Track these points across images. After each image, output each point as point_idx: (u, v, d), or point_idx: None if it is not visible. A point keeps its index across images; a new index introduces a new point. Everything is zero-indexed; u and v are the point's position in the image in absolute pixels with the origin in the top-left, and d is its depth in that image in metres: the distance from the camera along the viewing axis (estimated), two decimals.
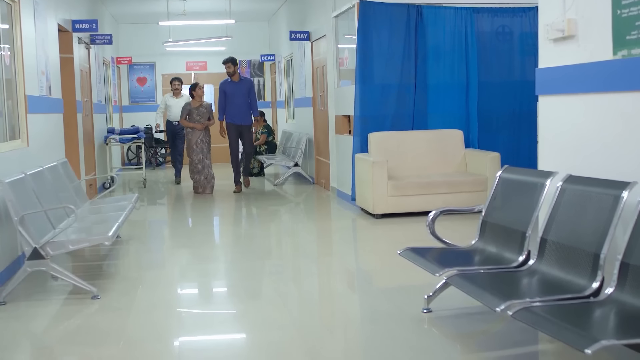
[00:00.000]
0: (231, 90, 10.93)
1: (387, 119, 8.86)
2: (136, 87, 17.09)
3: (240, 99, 10.89)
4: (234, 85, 10.95)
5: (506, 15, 9.07)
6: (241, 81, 11.05)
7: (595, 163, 4.04)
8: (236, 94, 10.88)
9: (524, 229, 4.16)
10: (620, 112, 3.86)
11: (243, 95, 10.92)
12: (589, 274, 3.52)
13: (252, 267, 6.16)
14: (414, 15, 8.76)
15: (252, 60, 17.17)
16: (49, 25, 7.94)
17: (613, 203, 3.51)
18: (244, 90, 10.95)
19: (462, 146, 8.78)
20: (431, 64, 8.92)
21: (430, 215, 4.74)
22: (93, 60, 11.66)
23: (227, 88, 10.98)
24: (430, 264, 4.18)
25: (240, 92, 10.91)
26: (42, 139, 7.20)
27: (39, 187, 5.65)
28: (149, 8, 14.34)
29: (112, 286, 5.43)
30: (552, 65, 4.50)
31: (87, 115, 10.75)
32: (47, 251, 4.98)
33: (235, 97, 10.88)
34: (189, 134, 10.80)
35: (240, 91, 10.92)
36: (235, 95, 10.88)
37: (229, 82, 11.01)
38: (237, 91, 10.89)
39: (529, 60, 8.83)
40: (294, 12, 13.49)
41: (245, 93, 10.94)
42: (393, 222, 7.85)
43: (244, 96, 10.92)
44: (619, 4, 3.80)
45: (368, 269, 6.21)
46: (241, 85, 10.97)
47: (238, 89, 10.91)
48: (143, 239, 7.65)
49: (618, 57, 3.83)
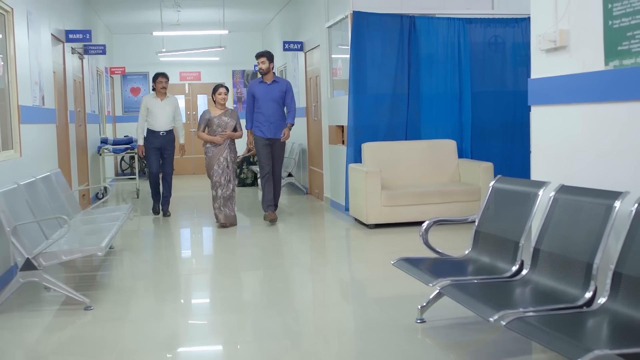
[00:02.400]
0: (262, 93, 8.66)
1: (381, 129, 8.88)
2: (130, 97, 17.08)
3: (273, 105, 8.64)
4: (265, 88, 8.67)
5: (499, 25, 9.12)
6: (275, 83, 8.70)
7: (588, 173, 4.06)
8: (267, 98, 8.62)
9: (517, 239, 4.17)
10: (612, 122, 3.88)
11: (276, 101, 8.66)
12: (582, 283, 3.53)
13: (246, 276, 6.14)
14: (407, 25, 8.80)
15: (245, 70, 17.19)
16: (42, 35, 7.94)
17: (605, 213, 3.52)
18: (278, 95, 8.66)
19: (455, 156, 8.80)
20: (424, 74, 8.95)
21: (423, 226, 4.75)
22: (86, 70, 11.65)
23: (256, 90, 8.70)
24: (424, 274, 4.19)
25: (273, 97, 8.64)
26: (35, 149, 7.18)
27: (31, 198, 5.64)
28: (143, 18, 14.35)
29: (105, 297, 5.41)
30: (545, 75, 4.52)
31: (81, 126, 10.74)
32: (39, 262, 4.96)
33: (266, 103, 8.63)
34: (209, 150, 8.48)
35: (273, 95, 8.64)
36: (266, 100, 8.63)
37: (259, 83, 8.73)
38: (269, 95, 8.63)
39: (521, 71, 8.87)
40: (287, 22, 13.52)
41: (279, 98, 8.67)
42: (387, 232, 7.85)
43: (277, 103, 8.66)
44: (611, 15, 3.83)
45: (362, 279, 6.21)
46: (275, 89, 8.66)
47: (270, 93, 8.64)
48: (136, 250, 7.62)
49: (610, 68, 3.85)
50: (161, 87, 9.46)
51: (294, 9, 12.67)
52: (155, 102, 9.43)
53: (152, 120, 9.41)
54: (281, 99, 8.67)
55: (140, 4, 12.84)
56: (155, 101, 9.45)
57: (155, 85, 9.49)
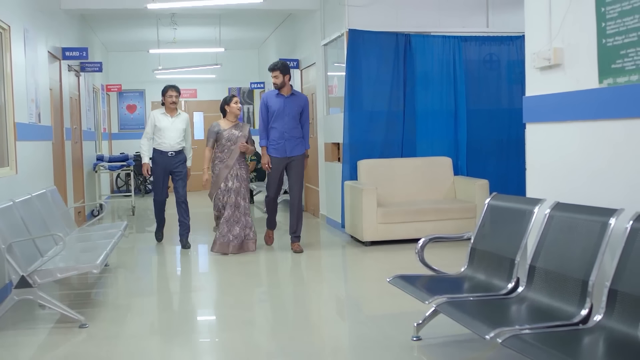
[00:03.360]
0: (277, 106, 7.79)
1: (376, 146, 8.89)
2: (126, 114, 17.10)
3: (289, 121, 7.79)
4: (281, 101, 7.80)
5: (494, 43, 9.18)
6: (293, 97, 7.88)
7: (583, 190, 4.07)
8: (283, 112, 7.78)
9: (513, 256, 4.17)
10: (607, 140, 3.89)
11: (293, 117, 7.82)
12: (578, 301, 3.53)
13: (241, 294, 6.12)
14: (402, 43, 8.85)
15: (242, 87, 17.23)
16: (39, 52, 7.96)
17: (601, 230, 3.52)
18: (296, 110, 7.83)
19: (451, 173, 8.82)
20: (420, 91, 9.00)
21: (419, 243, 4.75)
22: (83, 88, 11.68)
23: (271, 102, 7.84)
24: (420, 292, 4.18)
25: (289, 112, 7.80)
26: (31, 166, 7.18)
27: (27, 215, 5.62)
28: (140, 36, 14.41)
29: (100, 315, 5.39)
30: (539, 93, 4.54)
31: (77, 143, 10.74)
32: (34, 279, 4.94)
33: (282, 118, 7.78)
34: (216, 167, 7.82)
35: (290, 110, 7.80)
36: (282, 114, 7.78)
37: (275, 95, 7.86)
38: (286, 109, 7.78)
39: (516, 88, 8.92)
40: (283, 40, 13.58)
41: (296, 114, 7.85)
42: (383, 249, 7.85)
43: (294, 118, 7.82)
44: (604, 34, 3.85)
45: (358, 296, 6.20)
46: (292, 103, 7.83)
47: (287, 107, 7.79)
48: (132, 267, 7.60)
49: (604, 86, 3.88)
50: (171, 102, 8.35)
51: (290, 27, 12.73)
52: (164, 119, 8.33)
53: (160, 139, 8.33)
54: (298, 114, 7.85)
55: (136, 22, 12.90)
56: (164, 118, 8.34)
57: (165, 100, 8.39)
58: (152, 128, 8.37)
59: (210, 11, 11.36)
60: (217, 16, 12.34)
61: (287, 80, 7.83)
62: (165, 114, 8.37)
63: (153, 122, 8.35)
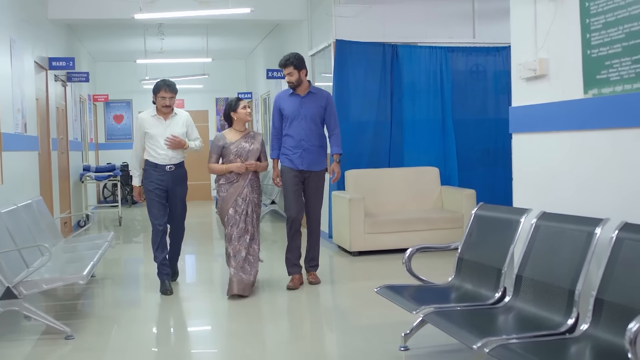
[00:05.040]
0: (292, 108, 6.44)
1: (364, 156, 8.91)
2: (113, 124, 17.05)
3: (307, 125, 6.41)
4: (297, 102, 6.45)
5: (480, 54, 9.24)
6: (311, 95, 6.47)
7: (569, 200, 4.09)
8: (300, 115, 6.41)
9: (500, 266, 4.18)
10: (592, 150, 3.92)
11: (312, 120, 6.43)
12: (564, 310, 3.54)
13: (228, 304, 6.10)
14: (389, 54, 8.89)
15: (229, 98, 17.21)
16: (25, 62, 7.93)
17: (587, 239, 3.54)
18: (315, 111, 6.44)
19: (438, 183, 8.84)
20: (407, 101, 9.04)
21: (406, 253, 4.75)
22: (69, 98, 11.64)
23: (286, 105, 6.49)
24: (407, 302, 4.19)
25: (308, 114, 6.41)
26: (17, 176, 7.14)
27: (12, 226, 5.59)
28: (127, 46, 14.39)
29: (86, 326, 5.36)
30: (525, 103, 4.57)
31: (63, 153, 10.70)
32: (20, 290, 4.90)
33: (298, 122, 6.42)
34: (222, 188, 6.24)
35: (308, 112, 6.42)
36: (299, 117, 6.41)
37: (290, 96, 6.50)
38: (302, 111, 6.41)
39: (503, 98, 8.97)
40: (271, 50, 13.60)
41: (316, 116, 6.45)
42: (370, 259, 7.85)
43: (313, 122, 6.43)
44: (589, 45, 3.89)
45: (345, 306, 6.19)
46: (310, 102, 6.44)
47: (304, 108, 6.42)
48: (118, 278, 7.56)
49: (589, 96, 3.91)
50: (163, 106, 6.38)
51: (278, 37, 12.75)
52: (156, 124, 6.40)
53: (152, 149, 6.38)
54: (319, 116, 6.45)
55: (123, 31, 12.88)
56: (156, 122, 6.41)
57: (156, 101, 6.44)
58: (142, 138, 6.41)
59: (197, 21, 11.36)
60: (205, 26, 12.35)
61: (303, 77, 6.41)
62: (157, 116, 6.43)
63: (142, 128, 6.40)
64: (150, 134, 6.36)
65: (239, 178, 6.21)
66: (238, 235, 6.18)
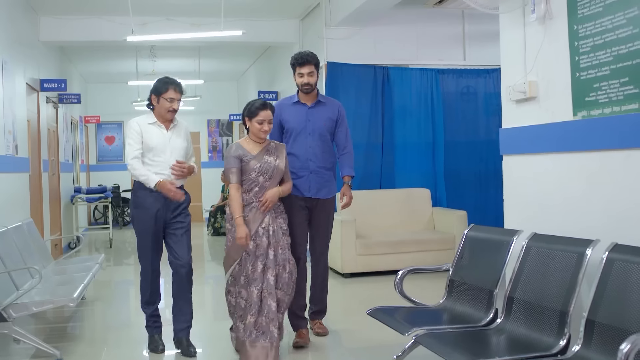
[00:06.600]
0: (297, 121, 5.26)
1: (355, 178, 8.76)
2: (104, 146, 17.04)
3: (315, 142, 5.25)
4: (303, 113, 5.29)
5: (470, 76, 9.31)
6: (320, 105, 5.32)
7: (559, 221, 4.11)
8: (306, 130, 5.25)
9: (491, 287, 4.18)
10: (581, 171, 3.95)
11: (321, 136, 5.27)
12: (556, 331, 3.54)
13: (221, 325, 6.07)
14: (380, 76, 8.95)
15: (220, 119, 17.26)
16: (17, 84, 7.93)
17: (577, 261, 3.55)
18: (325, 125, 5.29)
19: (429, 204, 8.85)
20: (398, 123, 9.08)
21: (398, 275, 4.75)
22: (61, 119, 11.63)
23: (287, 114, 5.29)
24: (399, 324, 4.18)
25: (317, 128, 5.26)
26: (7, 198, 7.11)
27: (3, 248, 5.56)
28: (118, 68, 14.41)
29: (76, 349, 5.32)
30: (515, 125, 4.60)
31: (54, 174, 10.67)
32: (9, 313, 4.87)
33: (304, 138, 5.25)
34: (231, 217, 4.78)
35: (316, 125, 5.26)
36: (305, 132, 5.25)
37: (293, 105, 5.33)
38: (310, 125, 5.25)
39: (493, 120, 9.02)
40: (262, 72, 13.65)
41: (325, 130, 5.30)
42: (362, 281, 7.83)
43: (322, 138, 5.28)
44: (578, 67, 3.93)
45: (337, 328, 6.16)
46: (319, 114, 5.29)
47: (311, 121, 5.26)
48: (109, 300, 7.52)
49: (578, 118, 3.94)
50: (170, 110, 4.99)
51: (269, 59, 12.80)
52: (157, 133, 4.99)
53: (151, 165, 4.93)
54: (329, 131, 5.32)
55: (115, 53, 12.91)
56: (156, 130, 5.00)
57: (159, 104, 5.02)
58: (139, 146, 4.92)
59: (189, 43, 11.41)
60: (197, 48, 12.39)
61: (313, 82, 5.26)
62: (158, 123, 5.02)
63: (139, 133, 4.94)
64: (149, 146, 4.92)
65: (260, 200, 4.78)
66: (249, 278, 4.75)
